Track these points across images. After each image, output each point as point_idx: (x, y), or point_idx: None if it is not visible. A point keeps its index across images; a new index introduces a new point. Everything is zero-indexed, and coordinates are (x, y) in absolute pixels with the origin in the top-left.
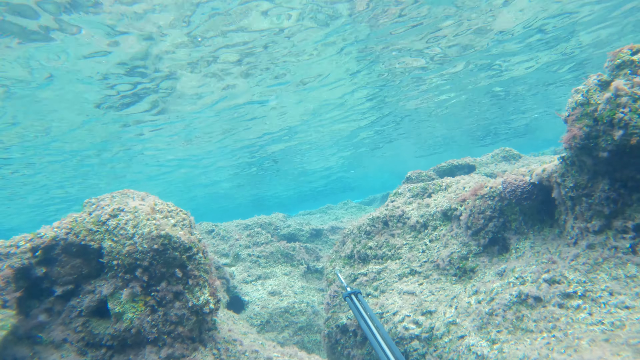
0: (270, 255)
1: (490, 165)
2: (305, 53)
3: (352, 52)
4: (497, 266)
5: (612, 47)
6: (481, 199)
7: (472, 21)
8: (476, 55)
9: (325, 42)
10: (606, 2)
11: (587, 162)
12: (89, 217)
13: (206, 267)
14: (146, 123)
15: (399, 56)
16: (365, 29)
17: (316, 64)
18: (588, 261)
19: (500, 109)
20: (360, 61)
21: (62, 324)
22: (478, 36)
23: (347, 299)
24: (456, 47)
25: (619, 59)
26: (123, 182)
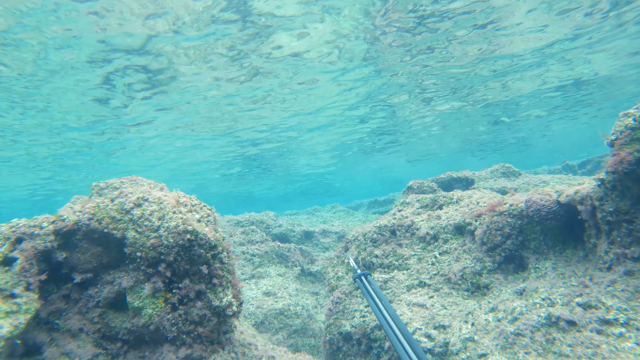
0: (264, 254)
1: (489, 180)
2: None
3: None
4: (514, 285)
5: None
6: (500, 216)
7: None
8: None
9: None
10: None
11: (632, 188)
12: (112, 204)
13: (230, 268)
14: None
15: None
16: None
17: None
18: (628, 288)
19: (495, 126)
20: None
21: (79, 312)
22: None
23: (357, 280)
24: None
25: None
26: (109, 171)
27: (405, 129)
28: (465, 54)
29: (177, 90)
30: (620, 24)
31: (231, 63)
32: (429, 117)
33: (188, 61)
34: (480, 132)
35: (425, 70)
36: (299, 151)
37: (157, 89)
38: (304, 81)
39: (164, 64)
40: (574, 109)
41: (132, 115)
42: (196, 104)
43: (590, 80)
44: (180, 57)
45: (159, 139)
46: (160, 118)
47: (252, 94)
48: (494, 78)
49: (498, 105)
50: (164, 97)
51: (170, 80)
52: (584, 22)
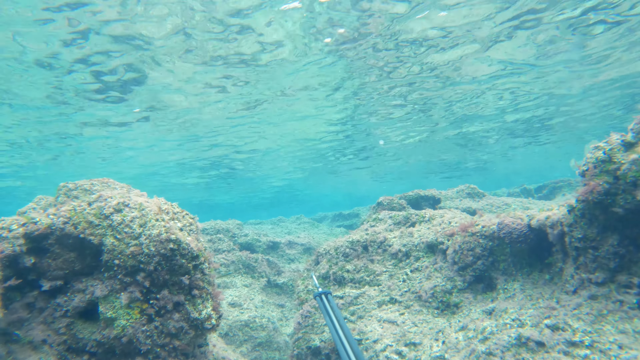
0: (231, 264)
1: (455, 199)
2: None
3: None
4: (484, 304)
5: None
6: (472, 236)
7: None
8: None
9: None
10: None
11: (599, 216)
12: (90, 208)
13: (210, 279)
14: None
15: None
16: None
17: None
18: (591, 311)
19: (461, 149)
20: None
21: (44, 322)
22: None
23: (317, 298)
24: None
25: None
26: (72, 170)
27: (372, 148)
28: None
29: (144, 93)
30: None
31: (205, 67)
32: (397, 139)
33: (157, 64)
34: (446, 153)
35: (394, 93)
36: (266, 161)
37: (124, 91)
38: (278, 94)
39: (134, 65)
40: (534, 136)
41: (88, 114)
42: (164, 108)
43: (546, 113)
44: (150, 61)
45: (123, 140)
46: (125, 119)
47: (223, 103)
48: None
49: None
50: (132, 98)
51: (136, 83)
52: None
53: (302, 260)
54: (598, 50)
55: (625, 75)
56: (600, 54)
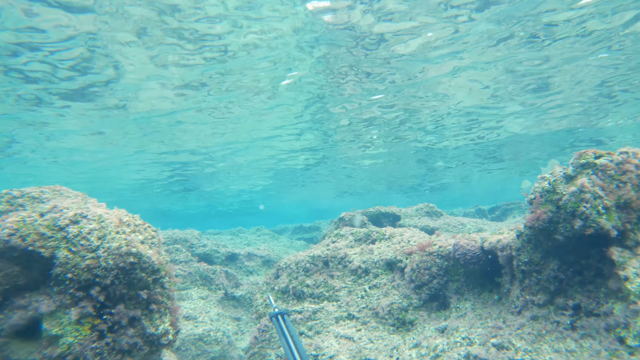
0: (188, 275)
1: (414, 217)
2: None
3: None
4: (437, 322)
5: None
6: (429, 256)
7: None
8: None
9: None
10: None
11: (543, 242)
12: (42, 220)
13: (170, 293)
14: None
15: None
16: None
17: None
18: (532, 331)
19: (421, 169)
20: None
21: None
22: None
23: (273, 319)
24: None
25: (583, 159)
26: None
27: (336, 163)
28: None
29: (101, 94)
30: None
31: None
32: (363, 158)
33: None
34: (408, 173)
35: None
36: (227, 170)
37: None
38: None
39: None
40: (488, 163)
41: (46, 115)
42: (121, 111)
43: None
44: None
45: (74, 142)
46: (77, 120)
47: (186, 106)
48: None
49: (427, 153)
50: (87, 99)
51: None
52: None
53: (261, 272)
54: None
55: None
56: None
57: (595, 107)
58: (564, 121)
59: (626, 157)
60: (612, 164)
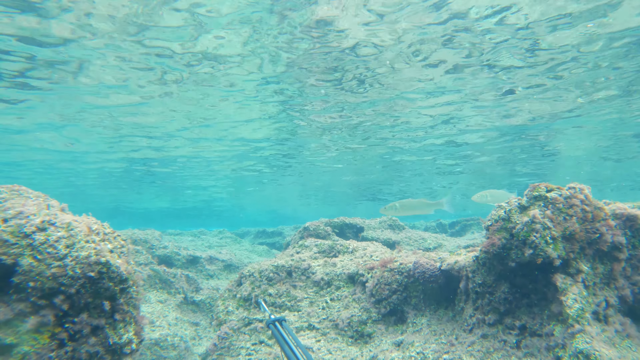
0: (147, 278)
1: (377, 230)
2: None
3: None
4: (394, 336)
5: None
6: (390, 272)
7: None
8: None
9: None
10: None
11: (497, 267)
12: (5, 225)
13: (136, 302)
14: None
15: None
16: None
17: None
18: (482, 349)
19: (386, 174)
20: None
21: None
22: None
23: (270, 326)
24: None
25: (536, 192)
26: None
27: (303, 163)
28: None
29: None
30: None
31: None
32: (328, 155)
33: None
34: (373, 177)
35: (338, 120)
36: (190, 165)
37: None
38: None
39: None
40: (450, 176)
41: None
42: (73, 91)
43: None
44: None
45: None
46: (30, 103)
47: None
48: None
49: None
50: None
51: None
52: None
53: (222, 276)
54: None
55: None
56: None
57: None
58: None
59: (573, 192)
60: (561, 198)
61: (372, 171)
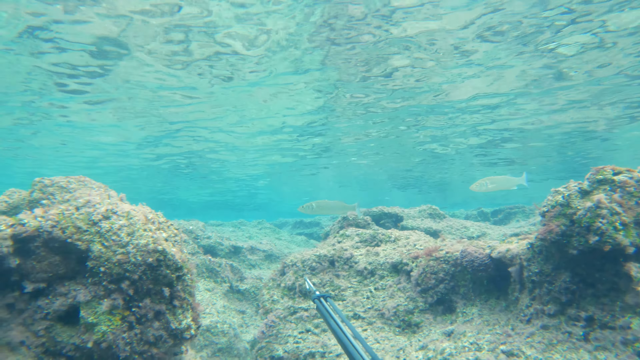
0: (195, 267)
1: (417, 219)
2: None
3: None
4: (443, 325)
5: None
6: (435, 261)
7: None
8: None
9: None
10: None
11: (555, 255)
12: (78, 213)
13: (191, 290)
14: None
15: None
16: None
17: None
18: (543, 340)
19: (426, 166)
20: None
21: (23, 324)
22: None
23: (315, 301)
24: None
25: (601, 175)
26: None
27: (339, 153)
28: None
29: (113, 80)
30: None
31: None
32: (366, 146)
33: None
34: (412, 167)
35: (370, 102)
36: (231, 161)
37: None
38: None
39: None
40: (492, 162)
41: (57, 100)
42: (130, 93)
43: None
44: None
45: (80, 129)
46: (84, 106)
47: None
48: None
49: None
50: (98, 84)
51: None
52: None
53: (263, 266)
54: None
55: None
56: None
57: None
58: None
59: None
60: (632, 181)
61: (410, 160)
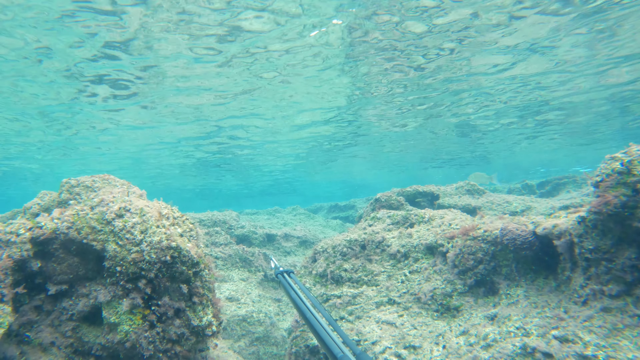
0: (228, 257)
1: (454, 196)
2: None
3: (337, 65)
4: (485, 309)
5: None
6: (473, 240)
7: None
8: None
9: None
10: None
11: (614, 229)
12: (92, 213)
13: (210, 285)
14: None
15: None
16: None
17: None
18: (605, 324)
19: (461, 139)
20: (343, 71)
21: (51, 325)
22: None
23: (279, 276)
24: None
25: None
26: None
27: (371, 136)
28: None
29: (152, 80)
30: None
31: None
32: (398, 126)
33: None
34: (448, 145)
35: (399, 82)
36: (264, 150)
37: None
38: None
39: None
40: (536, 129)
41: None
42: (168, 93)
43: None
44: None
45: (118, 128)
46: (125, 106)
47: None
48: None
49: (466, 125)
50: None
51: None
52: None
53: (298, 252)
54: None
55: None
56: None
57: None
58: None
59: None
60: None
61: (446, 138)
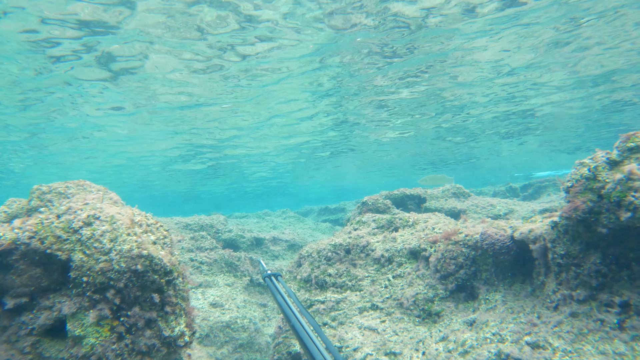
0: (213, 262)
1: (440, 199)
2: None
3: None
4: (465, 314)
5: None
6: (455, 245)
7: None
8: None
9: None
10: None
11: (582, 234)
12: (57, 221)
13: (184, 294)
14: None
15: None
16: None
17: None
18: (572, 330)
19: (449, 142)
20: (331, 80)
21: (7, 342)
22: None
23: (266, 279)
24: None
25: (632, 142)
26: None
27: (361, 143)
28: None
29: (134, 79)
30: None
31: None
32: (387, 133)
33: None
34: (436, 149)
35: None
36: (252, 153)
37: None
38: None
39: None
40: (521, 134)
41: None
42: (152, 93)
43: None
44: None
45: (102, 129)
46: (110, 103)
47: (217, 89)
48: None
49: (452, 129)
50: (119, 82)
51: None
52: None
53: (286, 256)
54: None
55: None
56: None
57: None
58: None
59: None
60: None
61: (433, 141)
